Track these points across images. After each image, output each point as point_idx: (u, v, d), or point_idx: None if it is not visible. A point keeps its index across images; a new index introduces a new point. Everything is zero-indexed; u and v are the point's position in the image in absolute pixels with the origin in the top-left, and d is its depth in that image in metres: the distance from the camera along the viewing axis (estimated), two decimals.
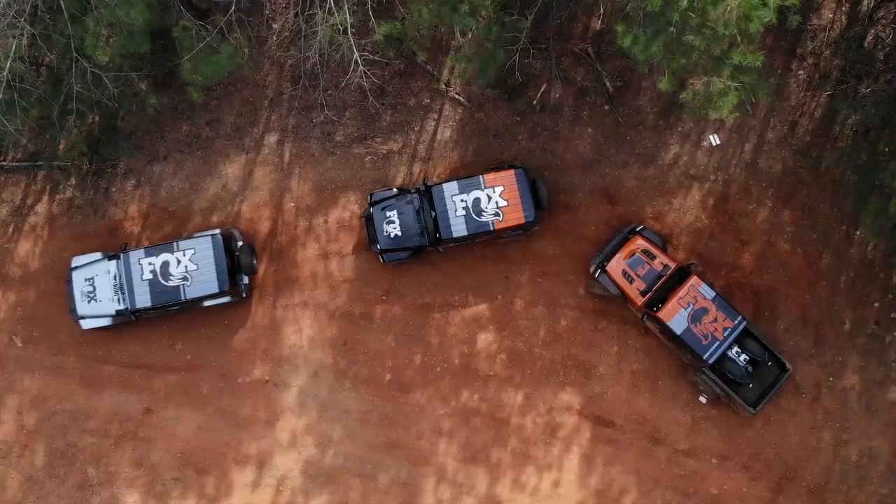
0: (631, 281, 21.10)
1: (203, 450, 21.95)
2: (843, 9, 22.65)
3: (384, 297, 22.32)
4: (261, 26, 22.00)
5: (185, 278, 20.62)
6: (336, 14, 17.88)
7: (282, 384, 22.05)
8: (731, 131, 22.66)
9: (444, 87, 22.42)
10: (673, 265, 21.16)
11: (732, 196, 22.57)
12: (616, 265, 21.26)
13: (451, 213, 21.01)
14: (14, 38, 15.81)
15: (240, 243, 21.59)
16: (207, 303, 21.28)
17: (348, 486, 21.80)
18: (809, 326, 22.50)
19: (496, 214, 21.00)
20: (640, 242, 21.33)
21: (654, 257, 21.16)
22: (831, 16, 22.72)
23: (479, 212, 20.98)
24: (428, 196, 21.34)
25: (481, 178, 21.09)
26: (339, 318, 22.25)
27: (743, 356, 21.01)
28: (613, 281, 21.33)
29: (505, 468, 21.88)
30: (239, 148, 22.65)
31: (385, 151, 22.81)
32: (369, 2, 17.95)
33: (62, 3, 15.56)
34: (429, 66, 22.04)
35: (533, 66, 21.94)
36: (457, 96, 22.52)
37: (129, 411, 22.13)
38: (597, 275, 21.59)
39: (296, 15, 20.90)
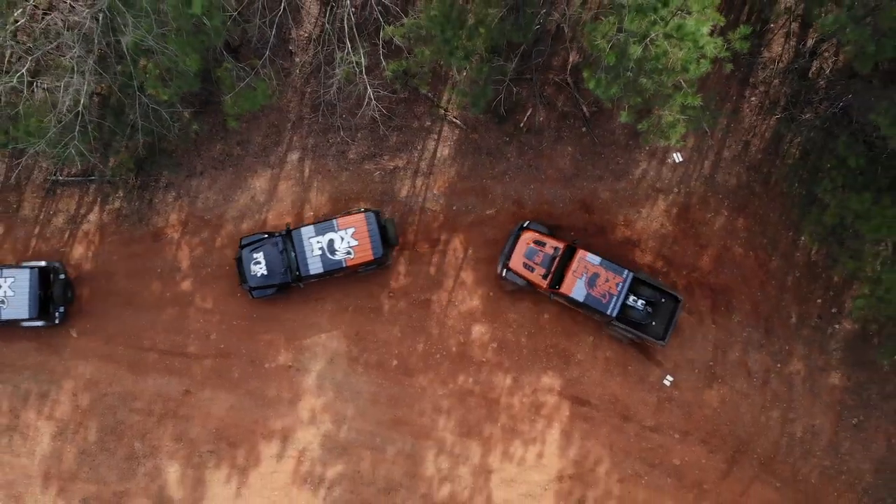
0: (532, 270, 24.07)
1: (235, 426, 25.17)
2: (791, 43, 25.82)
3: (391, 294, 25.54)
4: (285, 59, 25.20)
5: (1, 301, 23.76)
6: (352, 55, 21.19)
7: (302, 369, 25.27)
8: (692, 150, 25.84)
9: (443, 111, 25.62)
10: (562, 245, 24.13)
11: (693, 206, 25.77)
12: (517, 260, 24.23)
13: (308, 254, 23.78)
14: (85, 77, 19.05)
15: (61, 276, 24.57)
16: (24, 324, 24.35)
17: (360, 457, 25.00)
18: (760, 320, 25.66)
19: (348, 253, 23.80)
20: (529, 235, 24.34)
21: (544, 244, 24.12)
22: (780, 49, 25.90)
23: (334, 251, 23.75)
24: (290, 238, 24.07)
25: (335, 222, 23.95)
26: (351, 312, 25.43)
27: (640, 301, 23.90)
28: (518, 275, 24.30)
29: (496, 441, 25.06)
30: (265, 164, 25.87)
31: (392, 167, 26.02)
32: (380, 44, 21.13)
33: (126, 50, 18.85)
34: (430, 95, 25.20)
35: (520, 94, 25.14)
36: (454, 120, 25.72)
37: (170, 393, 25.34)
38: (504, 274, 24.53)
39: (315, 52, 24.14)
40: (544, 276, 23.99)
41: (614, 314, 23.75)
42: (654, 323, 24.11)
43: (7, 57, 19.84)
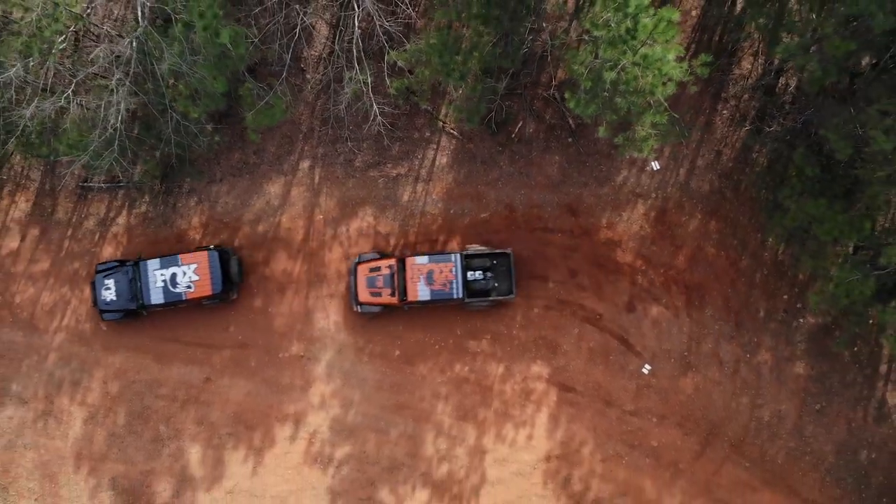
0: (380, 294, 26.23)
1: (251, 410, 27.54)
2: (759, 61, 28.22)
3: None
4: (297, 77, 27.58)
5: (188, 286, 25.99)
6: (360, 74, 23.60)
7: (313, 358, 27.65)
8: (669, 158, 28.25)
9: (441, 124, 28.01)
10: (394, 262, 26.22)
11: (669, 210, 28.15)
12: (363, 294, 26.33)
13: (151, 284, 25.93)
14: (123, 97, 21.44)
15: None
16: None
17: (366, 439, 27.38)
18: (731, 314, 28.02)
19: (188, 287, 25.97)
20: (363, 268, 26.46)
21: (379, 268, 26.22)
22: (749, 67, 28.32)
23: (175, 284, 25.93)
24: (138, 268, 26.14)
25: (178, 258, 26.11)
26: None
27: (478, 273, 26.17)
28: (372, 304, 26.45)
29: (489, 425, 27.43)
30: (279, 172, 28.24)
31: (394, 174, 28.40)
32: (385, 66, 23.54)
33: (158, 72, 21.24)
34: (429, 109, 27.59)
35: (511, 107, 27.52)
36: (451, 131, 28.11)
37: (192, 380, 27.71)
38: (360, 309, 26.60)
39: (325, 71, 26.53)
40: (392, 294, 26.19)
41: (462, 296, 25.89)
42: (497, 284, 26.43)
43: (51, 78, 22.21)
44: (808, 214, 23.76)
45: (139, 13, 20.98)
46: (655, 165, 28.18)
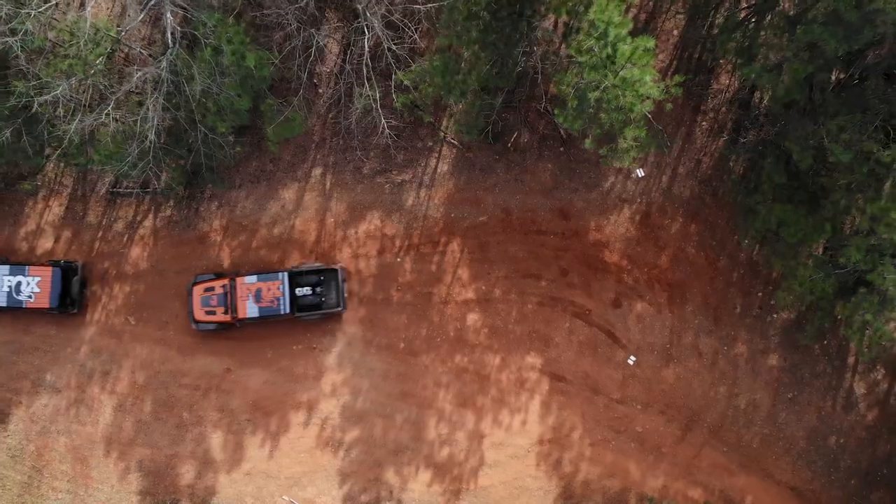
0: (214, 313, 28.29)
1: (268, 398, 29.84)
2: (735, 77, 30.55)
3: (399, 288, 30.23)
4: (309, 91, 29.92)
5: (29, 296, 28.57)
6: (370, 90, 25.96)
7: (325, 350, 29.95)
8: (653, 166, 30.57)
9: (442, 134, 30.34)
10: (227, 282, 28.15)
11: (653, 214, 30.45)
12: (198, 312, 28.46)
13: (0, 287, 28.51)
14: (157, 113, 23.78)
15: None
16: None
17: (373, 424, 29.67)
18: (710, 310, 30.34)
19: (29, 297, 28.58)
20: (198, 288, 28.58)
21: (213, 288, 28.35)
22: (726, 82, 30.65)
23: (19, 292, 28.51)
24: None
25: (27, 268, 28.65)
26: (366, 303, 30.10)
27: (307, 289, 28.37)
28: (207, 322, 28.51)
29: (487, 411, 29.71)
30: (293, 178, 30.56)
31: (399, 181, 30.70)
32: (392, 84, 25.89)
33: (189, 91, 23.58)
34: (432, 121, 29.94)
35: (507, 119, 29.84)
36: (452, 141, 30.45)
37: (214, 370, 30.01)
38: (198, 327, 28.78)
39: (336, 86, 28.88)
40: (225, 313, 28.30)
41: (290, 311, 27.95)
42: (325, 298, 28.58)
43: (90, 95, 24.57)
44: (777, 218, 26.09)
45: (169, 36, 23.36)
46: (640, 172, 30.50)
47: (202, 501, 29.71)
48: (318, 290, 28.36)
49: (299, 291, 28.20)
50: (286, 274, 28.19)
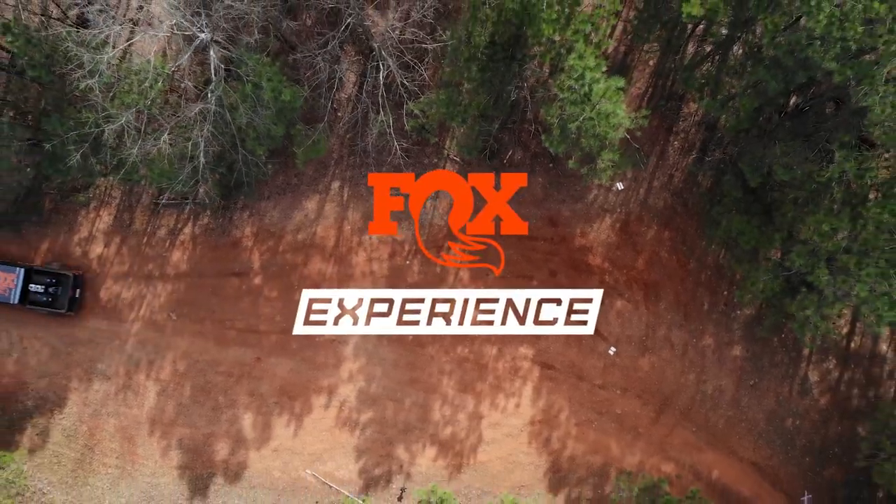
0: None
1: (293, 384, 33.91)
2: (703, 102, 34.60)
3: (409, 287, 34.31)
4: (330, 115, 34.04)
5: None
6: (383, 116, 30.12)
7: (343, 342, 34.00)
8: (631, 180, 34.69)
9: (446, 153, 34.48)
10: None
11: (631, 222, 34.54)
12: None
13: None
14: (205, 139, 27.89)
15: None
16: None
17: (385, 407, 33.75)
18: (681, 306, 34.39)
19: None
20: None
21: None
22: (695, 106, 34.73)
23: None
24: None
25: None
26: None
27: (40, 287, 32.75)
28: None
29: (485, 395, 33.77)
30: (315, 191, 34.69)
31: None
32: (404, 112, 30.05)
33: (232, 121, 27.71)
34: (437, 141, 34.09)
35: (503, 139, 34.01)
36: (454, 158, 34.56)
37: (245, 360, 34.08)
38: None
39: (353, 111, 33.05)
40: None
41: (17, 301, 32.41)
42: (55, 300, 32.87)
43: (145, 123, 28.71)
44: (734, 228, 30.23)
45: (212, 72, 27.50)
46: (620, 186, 34.62)
47: (235, 475, 33.79)
48: (51, 290, 32.62)
49: (32, 287, 32.62)
50: (23, 270, 32.62)
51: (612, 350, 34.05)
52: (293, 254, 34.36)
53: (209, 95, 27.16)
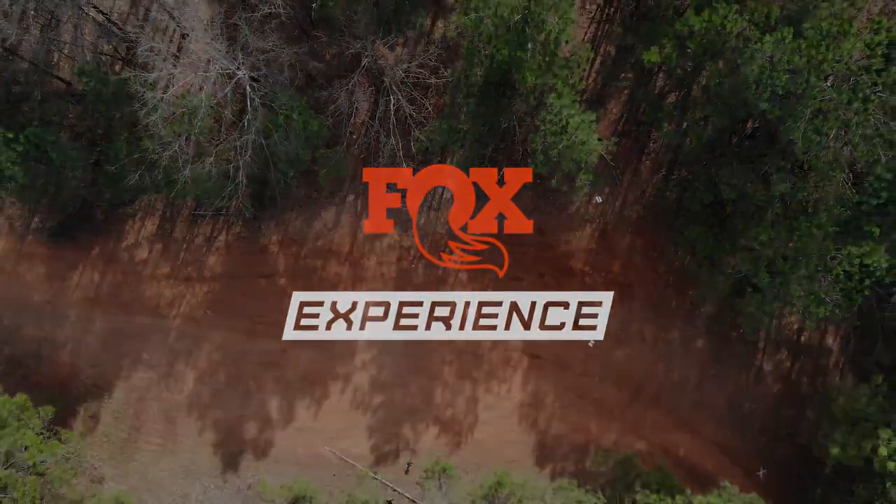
0: None
1: (314, 372, 38.77)
2: (671, 125, 39.61)
3: (414, 289, 39.21)
4: (347, 137, 39.08)
5: None
6: (392, 139, 35.18)
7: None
8: (608, 194, 39.66)
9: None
10: None
11: (609, 231, 39.46)
12: None
13: None
14: (245, 161, 32.91)
15: None
16: None
17: (394, 391, 38.60)
18: (651, 305, 39.14)
19: None
20: None
21: None
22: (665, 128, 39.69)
23: None
24: None
25: None
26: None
27: None
28: None
29: (481, 382, 38.59)
30: (332, 203, 39.63)
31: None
32: (411, 138, 35.12)
33: (263, 143, 32.76)
34: (439, 160, 39.09)
35: (497, 158, 38.94)
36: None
37: (273, 351, 38.92)
38: None
39: (366, 134, 38.14)
40: None
41: None
42: None
43: (192, 148, 33.75)
44: (694, 237, 35.27)
45: (248, 105, 32.56)
46: (598, 199, 39.62)
47: (262, 451, 38.65)
48: None
49: None
50: None
51: (591, 342, 38.86)
52: (313, 258, 39.25)
53: (247, 125, 32.24)
